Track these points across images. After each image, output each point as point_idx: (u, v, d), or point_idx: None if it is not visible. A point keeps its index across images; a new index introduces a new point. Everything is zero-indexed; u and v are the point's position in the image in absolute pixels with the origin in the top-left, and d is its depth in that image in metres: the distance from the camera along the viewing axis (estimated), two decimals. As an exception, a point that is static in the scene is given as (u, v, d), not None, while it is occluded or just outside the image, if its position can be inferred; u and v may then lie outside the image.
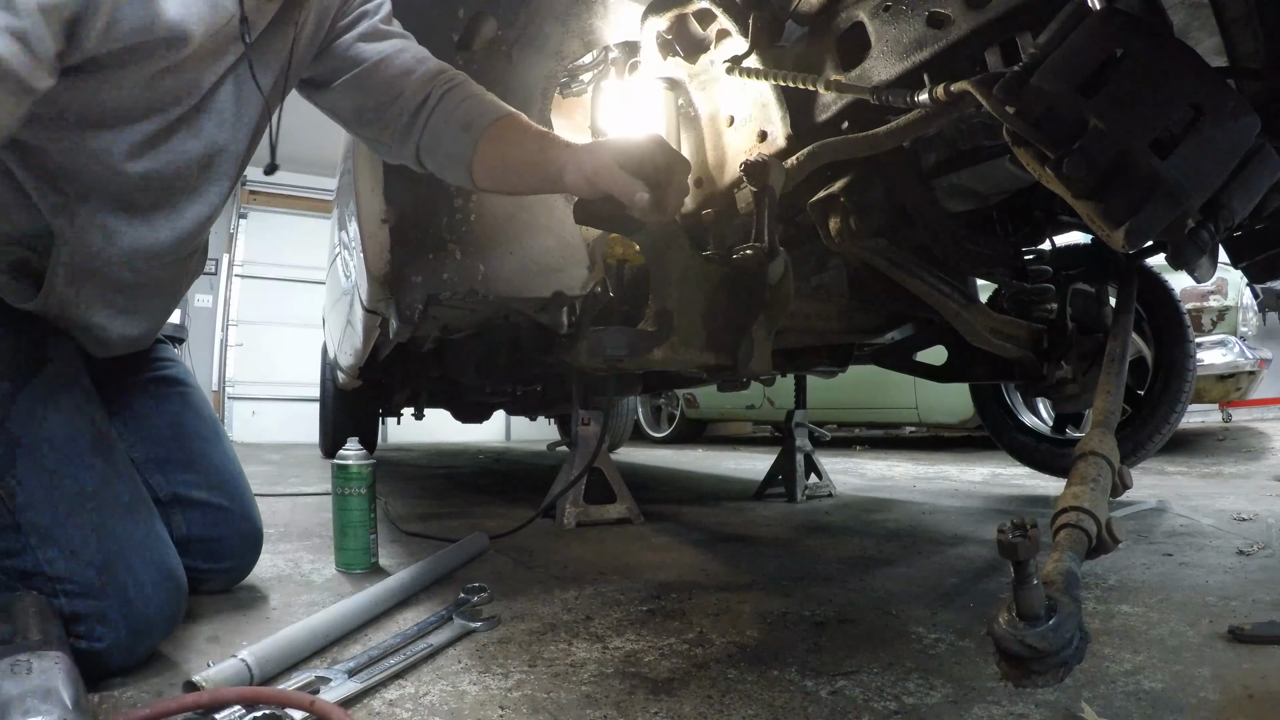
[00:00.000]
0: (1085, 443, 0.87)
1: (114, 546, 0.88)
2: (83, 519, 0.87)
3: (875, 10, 1.04)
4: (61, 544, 0.84)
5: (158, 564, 0.91)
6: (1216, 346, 3.57)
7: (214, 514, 1.17)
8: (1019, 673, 0.60)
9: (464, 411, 4.05)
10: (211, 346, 7.67)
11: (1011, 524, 0.58)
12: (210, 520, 1.17)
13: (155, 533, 0.95)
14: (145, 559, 0.90)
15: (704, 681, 0.84)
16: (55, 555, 0.84)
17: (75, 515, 0.86)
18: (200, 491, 1.16)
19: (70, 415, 0.93)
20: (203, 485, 1.17)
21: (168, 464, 1.15)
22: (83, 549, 0.85)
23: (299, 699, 0.69)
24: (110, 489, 0.91)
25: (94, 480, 0.90)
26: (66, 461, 0.89)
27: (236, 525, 1.20)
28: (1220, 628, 0.97)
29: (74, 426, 0.92)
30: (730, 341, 1.26)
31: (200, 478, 1.17)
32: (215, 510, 1.17)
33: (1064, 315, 1.87)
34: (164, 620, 0.91)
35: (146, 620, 0.87)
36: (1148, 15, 0.84)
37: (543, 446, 5.52)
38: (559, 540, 1.76)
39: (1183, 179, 0.73)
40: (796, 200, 1.34)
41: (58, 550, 0.84)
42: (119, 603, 0.85)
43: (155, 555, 0.92)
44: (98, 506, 0.88)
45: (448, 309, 1.33)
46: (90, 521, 0.87)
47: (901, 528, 1.88)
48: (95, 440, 0.94)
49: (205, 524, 1.16)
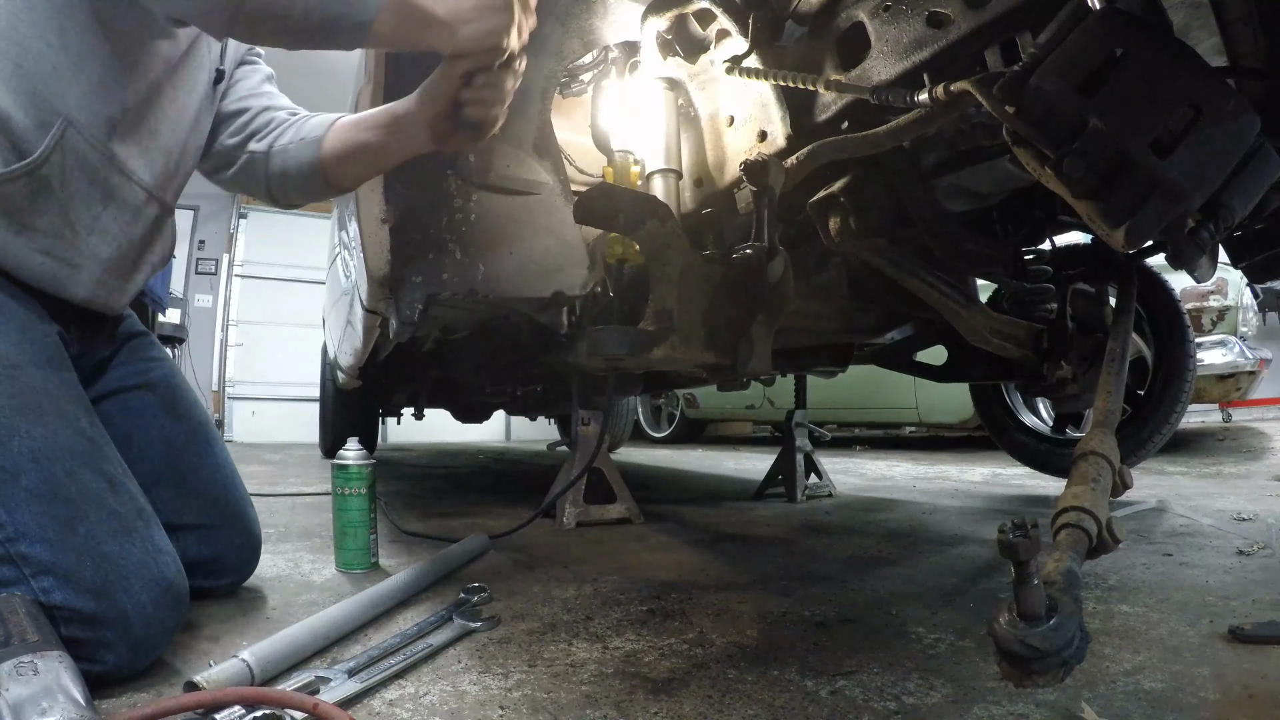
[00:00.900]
0: (1086, 442, 0.87)
1: (111, 570, 0.84)
2: (76, 544, 0.83)
3: (875, 10, 1.04)
4: (56, 573, 0.81)
5: (157, 581, 0.88)
6: (1216, 346, 3.57)
7: (210, 534, 1.16)
8: (1020, 673, 0.60)
9: (464, 411, 4.06)
10: (211, 346, 7.68)
11: (1012, 524, 0.58)
12: (206, 540, 1.15)
13: (154, 545, 0.92)
14: (144, 578, 0.87)
15: (704, 681, 0.84)
16: (51, 585, 0.81)
17: (68, 541, 0.83)
18: (193, 515, 1.14)
19: (55, 427, 0.89)
20: (195, 507, 1.15)
21: (159, 485, 1.11)
22: (78, 577, 0.82)
23: (300, 700, 0.69)
24: (104, 505, 0.88)
25: (86, 498, 0.87)
26: (55, 483, 0.85)
27: (232, 541, 1.19)
28: (1220, 628, 0.97)
29: (59, 440, 0.88)
30: (730, 341, 1.27)
31: (191, 499, 1.15)
32: (211, 530, 1.16)
33: (1064, 315, 1.88)
34: (165, 634, 0.89)
35: (148, 639, 0.85)
36: (1148, 15, 0.84)
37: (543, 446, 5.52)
38: (559, 540, 1.76)
39: (1182, 179, 0.73)
40: (796, 200, 1.34)
41: (53, 579, 0.81)
42: (119, 628, 0.82)
43: (154, 572, 0.89)
44: (90, 529, 0.85)
45: (448, 309, 1.33)
46: (84, 545, 0.84)
47: (901, 528, 1.88)
48: (83, 448, 0.91)
49: (201, 545, 1.15)
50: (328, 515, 1.53)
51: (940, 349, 2.17)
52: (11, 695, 0.62)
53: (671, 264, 1.20)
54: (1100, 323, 1.91)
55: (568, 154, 1.58)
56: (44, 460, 0.85)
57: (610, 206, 1.17)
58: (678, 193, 1.42)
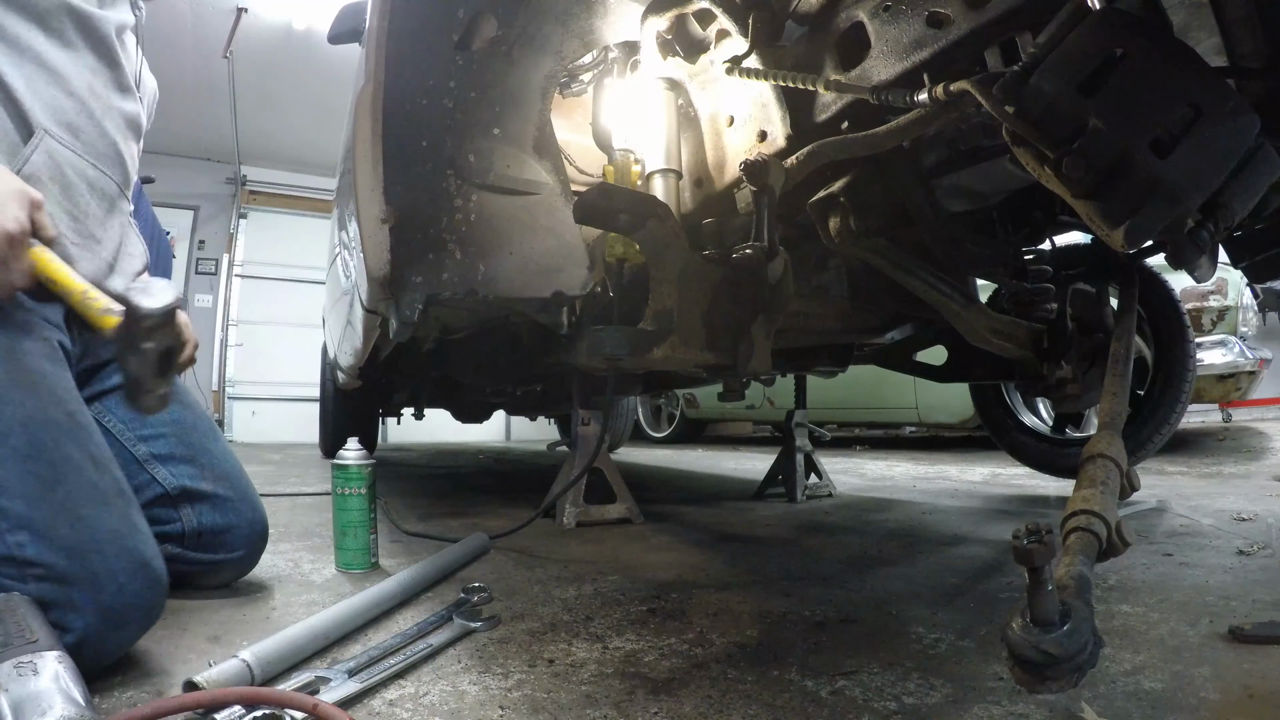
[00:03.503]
0: (1093, 445, 0.87)
1: (85, 532, 0.86)
2: (54, 503, 0.86)
3: (875, 10, 1.04)
4: (31, 528, 0.83)
5: (131, 553, 0.89)
6: (1216, 346, 3.57)
7: (223, 504, 1.19)
8: (1034, 678, 0.59)
9: (464, 411, 4.06)
10: (211, 346, 7.67)
11: (1026, 529, 0.57)
12: (220, 510, 1.18)
13: (131, 522, 0.93)
14: (119, 547, 0.88)
15: (704, 681, 0.84)
16: (25, 539, 0.83)
17: (47, 500, 0.86)
18: (207, 484, 1.18)
19: (45, 401, 0.92)
20: (209, 477, 1.18)
21: (172, 459, 1.16)
22: (52, 533, 0.84)
23: (300, 700, 0.69)
24: (84, 475, 0.90)
25: (68, 466, 0.89)
26: (40, 447, 0.88)
27: (245, 515, 1.22)
28: (1220, 628, 0.97)
29: (48, 413, 0.92)
30: (730, 341, 1.27)
31: (205, 470, 1.19)
32: (224, 500, 1.19)
33: (1064, 315, 1.87)
34: (138, 612, 0.88)
35: (119, 611, 0.85)
36: (1148, 15, 0.84)
37: (543, 446, 5.52)
38: (559, 540, 1.76)
39: (1182, 179, 0.73)
40: (796, 200, 1.34)
41: (28, 534, 0.83)
42: (90, 589, 0.83)
43: (130, 544, 0.90)
44: (69, 492, 0.88)
45: (448, 309, 1.33)
46: (62, 506, 0.86)
47: (901, 528, 1.88)
48: (71, 427, 0.93)
49: (215, 514, 1.18)
50: (328, 515, 1.53)
51: (940, 349, 2.17)
52: (12, 695, 0.62)
53: (671, 264, 1.20)
54: (1100, 323, 1.91)
55: (568, 154, 1.58)
56: (33, 427, 0.89)
57: (610, 206, 1.17)
58: (678, 193, 1.42)
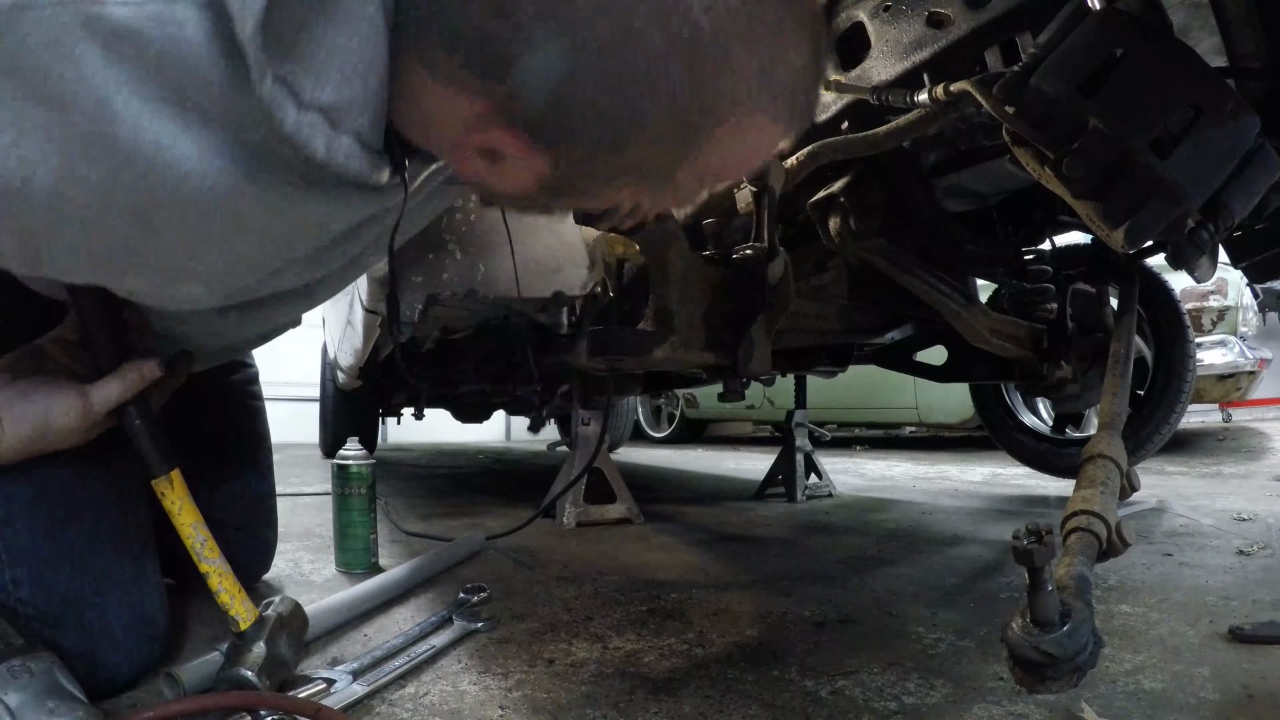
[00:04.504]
0: (1093, 445, 0.87)
1: (88, 581, 0.80)
2: (62, 543, 0.79)
3: (875, 10, 1.04)
4: (31, 565, 0.78)
5: (135, 608, 0.84)
6: (1216, 346, 3.58)
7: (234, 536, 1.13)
8: (1034, 679, 0.59)
9: (464, 411, 4.05)
10: (211, 346, 7.65)
11: (1026, 530, 0.57)
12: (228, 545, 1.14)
13: (143, 575, 0.87)
14: (122, 601, 0.82)
15: (704, 681, 0.84)
16: (23, 576, 0.77)
17: (54, 538, 0.79)
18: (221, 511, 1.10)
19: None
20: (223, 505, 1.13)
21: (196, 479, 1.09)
22: (53, 575, 0.78)
23: (302, 705, 0.69)
24: (103, 517, 0.84)
25: (85, 503, 0.82)
26: (57, 480, 0.81)
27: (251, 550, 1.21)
28: (1220, 628, 0.97)
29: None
30: (730, 341, 1.27)
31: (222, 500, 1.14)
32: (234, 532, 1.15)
33: (1064, 315, 1.88)
34: (130, 669, 0.83)
35: (108, 668, 0.79)
36: (1148, 15, 0.84)
37: (543, 446, 5.52)
38: (559, 540, 1.76)
39: (1182, 179, 0.73)
40: (796, 200, 1.34)
41: (25, 571, 0.77)
42: (79, 640, 0.78)
43: (135, 598, 0.84)
44: (81, 533, 0.81)
45: (448, 309, 1.33)
46: (69, 547, 0.80)
47: (901, 528, 1.88)
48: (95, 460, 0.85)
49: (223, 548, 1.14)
50: (328, 515, 1.53)
51: (940, 349, 2.17)
52: (12, 699, 0.60)
53: (671, 264, 1.20)
54: (1100, 323, 1.91)
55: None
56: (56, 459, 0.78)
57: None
58: (678, 193, 1.42)
